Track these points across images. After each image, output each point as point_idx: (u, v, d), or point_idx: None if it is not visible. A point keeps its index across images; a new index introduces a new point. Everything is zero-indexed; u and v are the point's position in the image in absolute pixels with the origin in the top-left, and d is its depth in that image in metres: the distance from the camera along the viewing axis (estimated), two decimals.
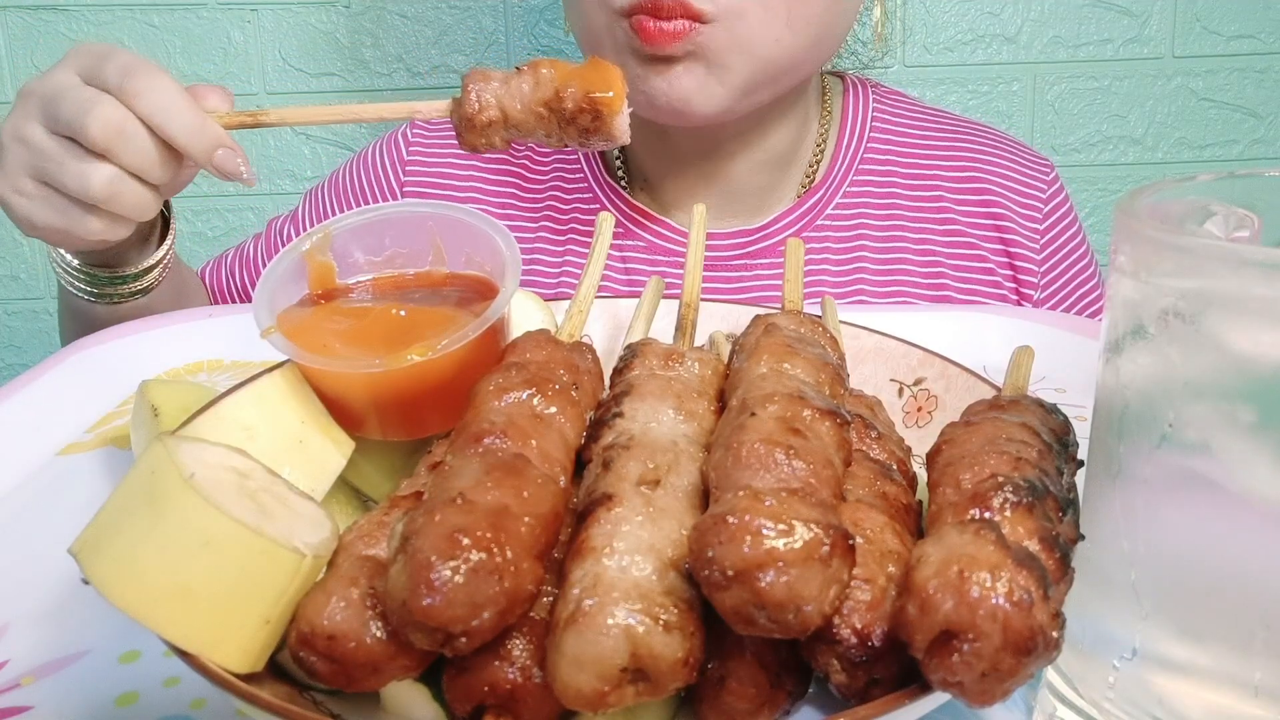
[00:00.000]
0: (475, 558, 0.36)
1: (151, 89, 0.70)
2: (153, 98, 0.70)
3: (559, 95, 0.65)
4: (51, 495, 0.62)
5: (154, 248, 0.88)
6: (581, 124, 0.66)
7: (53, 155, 0.72)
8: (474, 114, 0.66)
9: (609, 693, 0.35)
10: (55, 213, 0.74)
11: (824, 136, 1.07)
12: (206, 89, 0.73)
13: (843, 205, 1.05)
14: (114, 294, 0.88)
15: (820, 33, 0.91)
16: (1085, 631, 0.40)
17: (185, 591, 0.38)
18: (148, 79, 0.70)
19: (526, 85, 0.67)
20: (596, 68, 0.66)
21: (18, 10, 1.50)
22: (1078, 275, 1.08)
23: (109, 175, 0.71)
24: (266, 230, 1.15)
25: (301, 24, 1.54)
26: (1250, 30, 1.62)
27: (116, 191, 0.71)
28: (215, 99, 0.72)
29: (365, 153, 1.13)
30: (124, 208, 0.73)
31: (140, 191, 0.72)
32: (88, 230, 0.74)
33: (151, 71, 0.71)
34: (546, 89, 0.66)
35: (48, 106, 0.72)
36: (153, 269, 0.88)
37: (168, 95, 0.70)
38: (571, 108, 0.65)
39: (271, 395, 0.51)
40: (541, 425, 0.46)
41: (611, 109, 0.65)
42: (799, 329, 0.53)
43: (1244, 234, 0.40)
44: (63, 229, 0.74)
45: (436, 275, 0.59)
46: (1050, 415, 0.48)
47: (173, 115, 0.70)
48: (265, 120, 0.71)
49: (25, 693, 0.46)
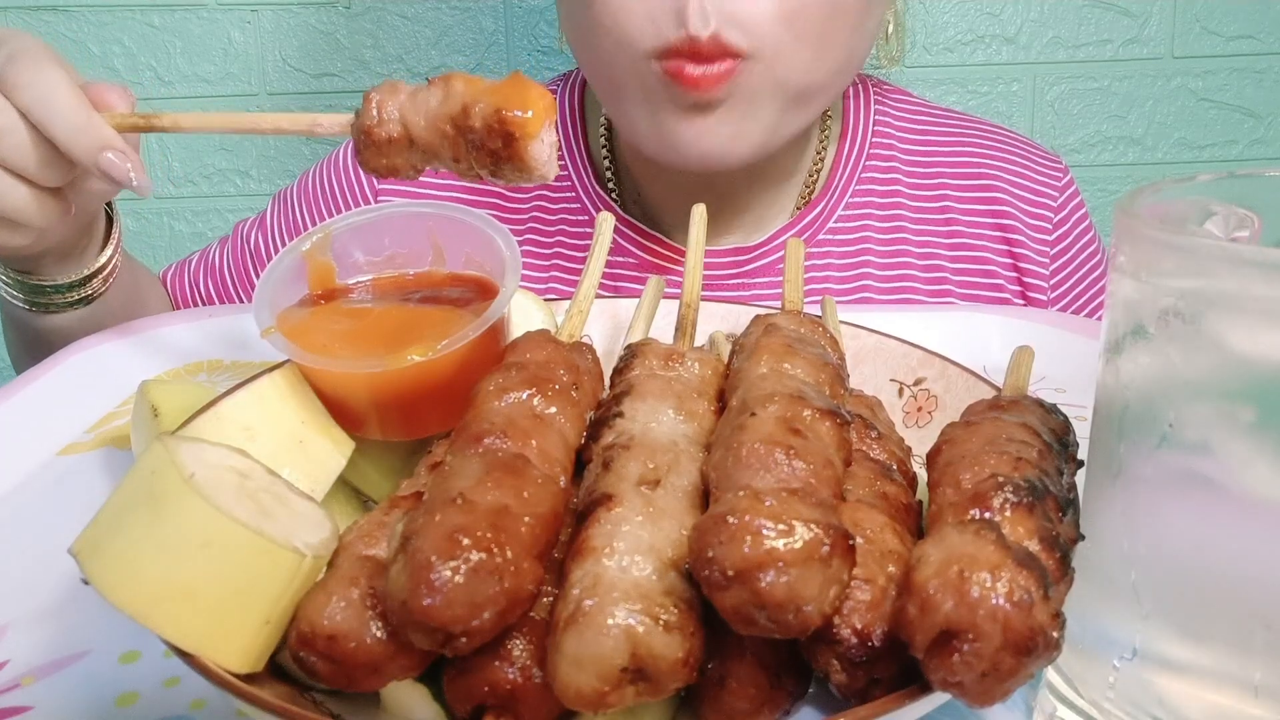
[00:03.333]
0: (475, 558, 0.36)
1: (34, 82, 0.63)
2: (35, 91, 0.63)
3: (466, 111, 0.55)
4: (51, 495, 0.62)
5: (94, 255, 0.82)
6: (491, 147, 0.55)
7: None
8: (372, 126, 0.58)
9: (609, 693, 0.35)
10: None
11: (824, 144, 1.03)
12: (104, 87, 0.66)
13: (846, 217, 1.02)
14: (50, 303, 0.81)
15: (846, 57, 0.86)
16: (1085, 631, 0.40)
17: (185, 592, 0.38)
18: (33, 70, 0.63)
19: (434, 99, 0.57)
20: (516, 84, 0.56)
21: (18, 10, 1.50)
22: (1090, 280, 1.05)
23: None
24: (233, 235, 1.09)
25: (301, 24, 1.54)
26: (1250, 30, 1.62)
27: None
28: (113, 97, 0.65)
29: (337, 154, 1.07)
30: (10, 211, 0.66)
31: (26, 195, 0.65)
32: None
33: (39, 62, 0.64)
34: (454, 103, 0.56)
35: None
36: (92, 278, 0.81)
37: (52, 89, 0.63)
38: (479, 127, 0.55)
39: (271, 395, 0.51)
40: (541, 425, 0.46)
41: (526, 132, 0.54)
42: (799, 329, 0.53)
43: (1244, 234, 0.40)
44: None
45: (436, 275, 0.59)
46: (1050, 415, 0.48)
47: (54, 111, 0.62)
48: (158, 124, 0.64)
49: (25, 693, 0.46)
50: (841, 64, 0.87)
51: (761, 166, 0.97)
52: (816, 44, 0.82)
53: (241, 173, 1.58)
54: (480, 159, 0.57)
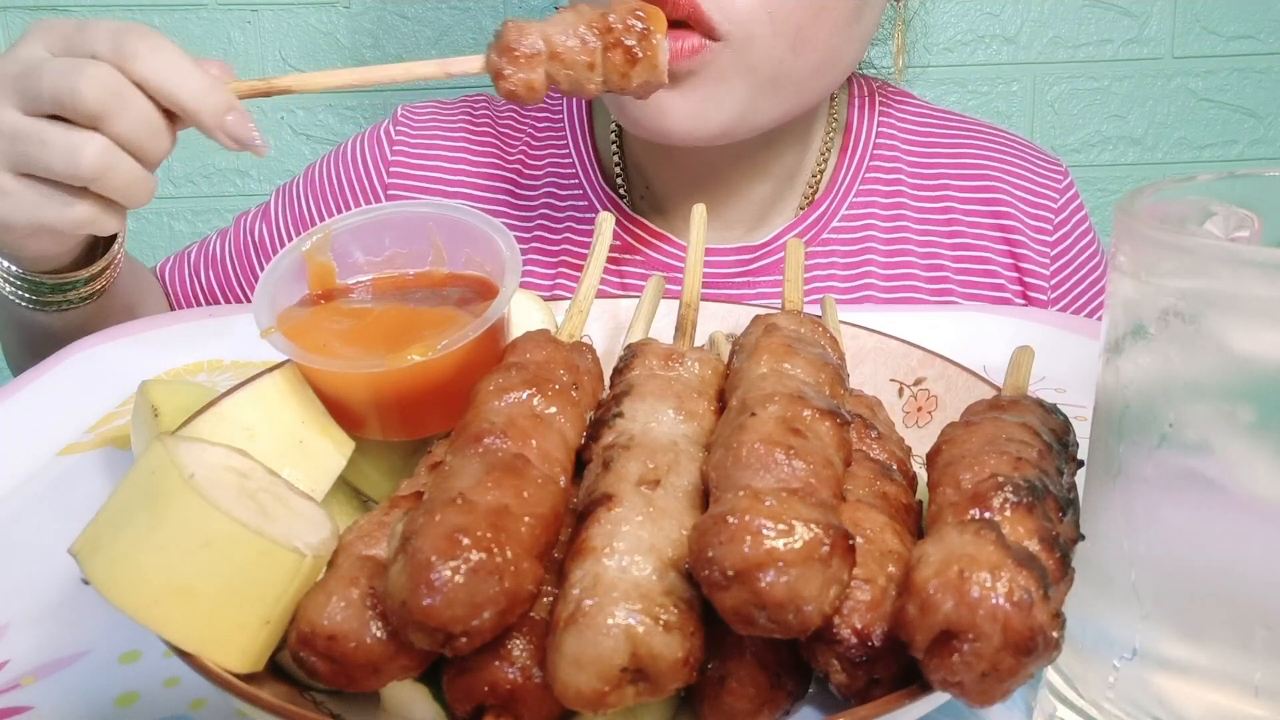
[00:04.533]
0: (475, 558, 0.36)
1: (153, 50, 0.64)
2: (157, 58, 0.64)
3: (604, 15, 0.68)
4: (51, 495, 0.62)
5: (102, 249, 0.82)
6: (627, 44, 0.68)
7: (32, 136, 0.65)
8: (514, 43, 0.66)
9: (609, 693, 0.35)
10: (34, 206, 0.67)
11: (828, 146, 1.03)
12: (207, 60, 0.67)
13: (850, 216, 1.02)
14: (64, 300, 0.81)
15: (825, 58, 0.86)
16: (1085, 631, 0.40)
17: (185, 591, 0.38)
18: (145, 40, 0.65)
19: (569, 15, 0.69)
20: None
21: (18, 10, 1.50)
22: (1090, 282, 1.06)
23: (101, 146, 0.65)
24: (234, 227, 1.09)
25: (301, 24, 1.54)
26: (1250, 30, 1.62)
27: (109, 166, 0.65)
28: (217, 70, 0.67)
29: (344, 148, 1.07)
30: (117, 186, 0.66)
31: (134, 168, 0.67)
32: (74, 220, 0.68)
33: (147, 33, 0.65)
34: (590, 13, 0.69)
35: (21, 84, 0.66)
36: (103, 272, 0.82)
37: (174, 56, 0.64)
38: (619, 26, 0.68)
39: (271, 395, 0.51)
40: (541, 425, 0.46)
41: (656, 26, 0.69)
42: (799, 329, 0.53)
43: (1244, 234, 0.40)
44: (44, 223, 0.68)
45: (437, 275, 0.59)
46: (1050, 415, 0.48)
47: (181, 75, 0.64)
48: (279, 86, 0.66)
49: (25, 693, 0.46)
50: (821, 63, 0.86)
51: (761, 161, 0.98)
52: (794, 38, 0.82)
53: (241, 173, 1.58)
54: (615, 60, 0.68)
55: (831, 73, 0.90)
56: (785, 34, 0.82)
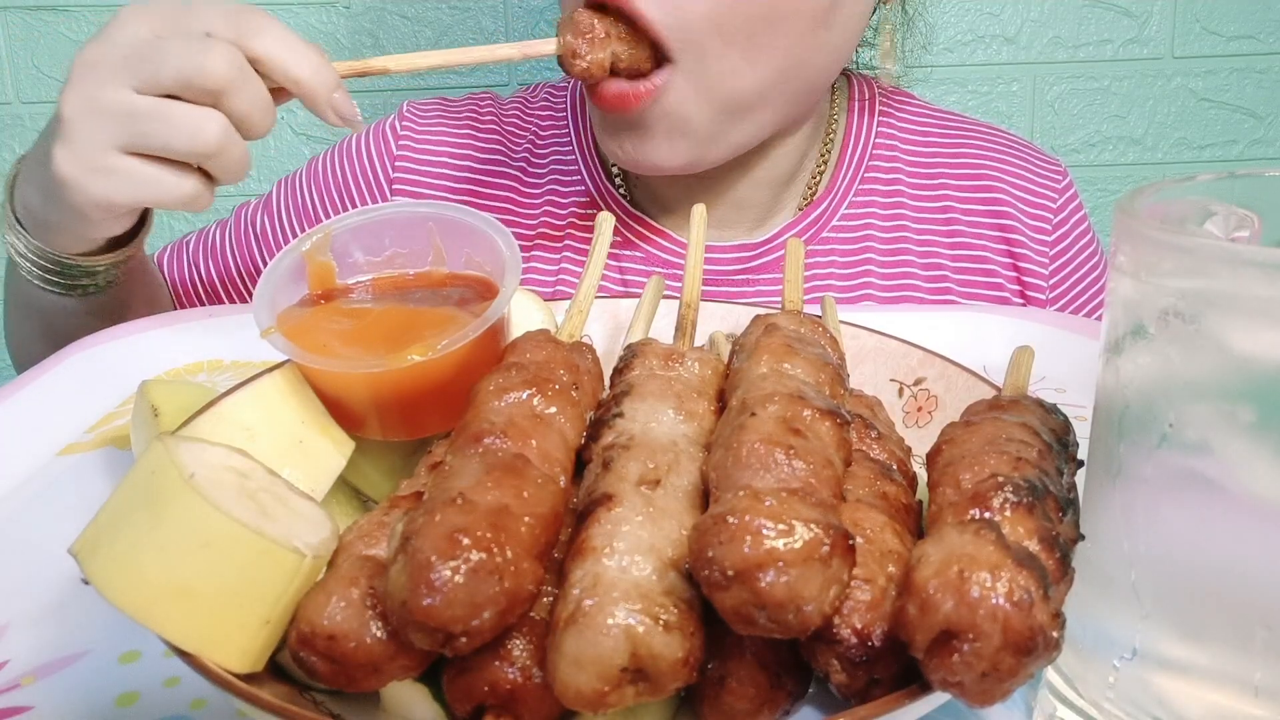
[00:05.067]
0: (475, 558, 0.36)
1: (271, 27, 0.68)
2: (274, 34, 0.67)
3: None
4: (51, 495, 0.62)
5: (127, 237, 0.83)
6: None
7: (155, 113, 0.67)
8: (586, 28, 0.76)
9: (609, 693, 0.35)
10: (141, 184, 0.69)
11: (828, 147, 1.04)
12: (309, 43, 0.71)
13: (849, 215, 1.03)
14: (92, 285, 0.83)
15: (786, 65, 0.85)
16: (1085, 631, 0.40)
17: (185, 591, 0.38)
18: (263, 17, 0.68)
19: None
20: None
21: (18, 10, 1.50)
22: (1089, 284, 1.06)
23: (221, 124, 0.68)
24: (234, 218, 1.09)
25: (301, 24, 1.54)
26: (1250, 30, 1.62)
27: (229, 143, 0.68)
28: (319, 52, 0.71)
29: (349, 142, 1.08)
30: (227, 164, 0.69)
31: (243, 147, 0.70)
32: (181, 195, 0.70)
33: (261, 12, 0.68)
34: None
35: (136, 65, 0.67)
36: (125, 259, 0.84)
37: (288, 33, 0.68)
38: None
39: (271, 395, 0.51)
40: (541, 425, 0.46)
41: None
42: (799, 329, 0.53)
43: (1244, 234, 0.40)
44: (151, 199, 0.70)
45: (436, 275, 0.59)
46: (1050, 415, 0.48)
47: (297, 52, 0.67)
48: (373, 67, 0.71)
49: (25, 693, 0.46)
50: (785, 70, 0.85)
51: (758, 163, 0.98)
52: (746, 46, 0.81)
53: None
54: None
55: (800, 81, 0.88)
56: (736, 43, 0.81)
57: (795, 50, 0.84)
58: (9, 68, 1.53)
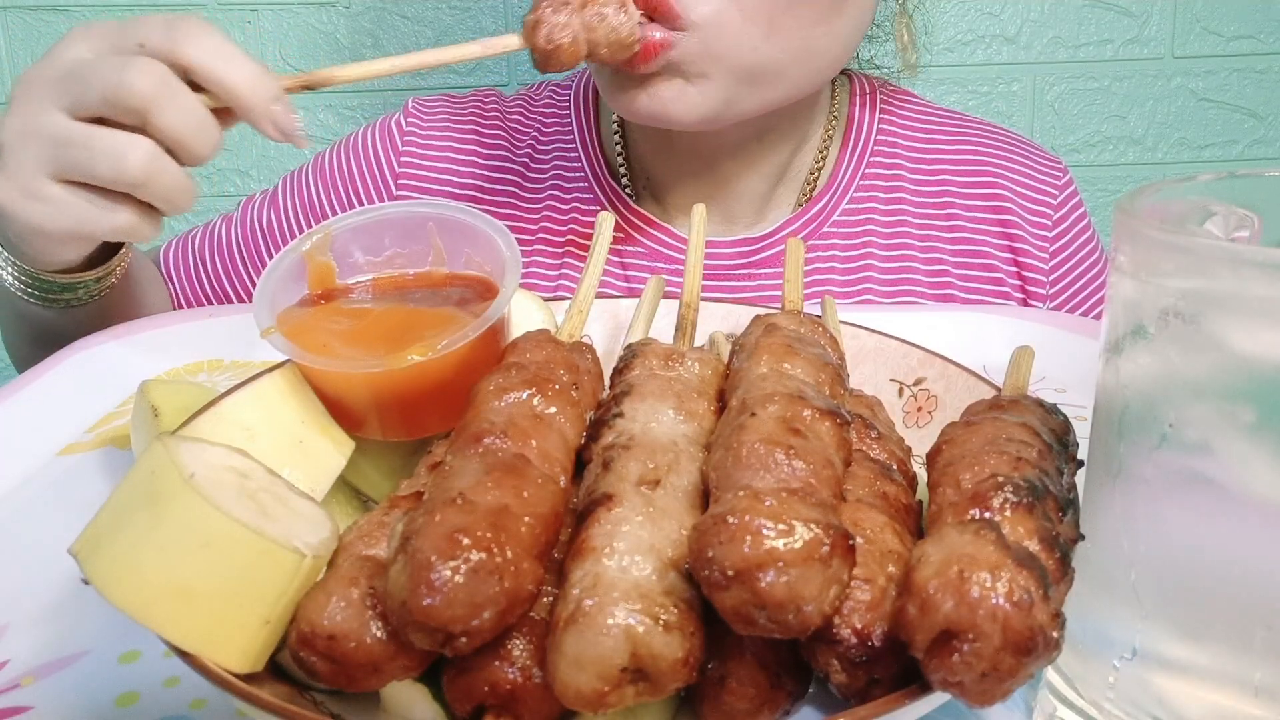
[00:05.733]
0: (475, 558, 0.36)
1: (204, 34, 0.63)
2: (209, 43, 0.63)
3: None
4: (51, 495, 0.62)
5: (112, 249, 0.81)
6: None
7: (79, 140, 0.64)
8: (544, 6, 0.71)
9: (609, 693, 0.35)
10: (76, 213, 0.66)
11: (828, 142, 1.05)
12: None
13: (850, 210, 1.03)
14: (70, 299, 0.80)
15: (805, 46, 0.86)
16: (1085, 631, 0.40)
17: (185, 591, 0.38)
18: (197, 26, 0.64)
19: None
20: None
21: (18, 10, 1.50)
22: (1089, 279, 1.06)
23: (147, 150, 0.63)
24: (240, 213, 1.09)
25: (301, 24, 1.54)
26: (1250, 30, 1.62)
27: (155, 171, 0.64)
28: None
29: (354, 138, 1.08)
30: (160, 192, 0.65)
31: (178, 174, 0.65)
32: (113, 227, 0.66)
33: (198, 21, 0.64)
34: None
35: (66, 86, 0.64)
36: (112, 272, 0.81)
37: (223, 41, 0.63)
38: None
39: (271, 395, 0.51)
40: (541, 425, 0.46)
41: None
42: (799, 329, 0.53)
43: (1244, 234, 0.40)
44: (83, 230, 0.67)
45: (436, 275, 0.59)
46: (1050, 415, 0.48)
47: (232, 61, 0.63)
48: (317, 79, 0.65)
49: (25, 693, 0.46)
50: (799, 52, 0.86)
51: (756, 155, 0.99)
52: (766, 25, 0.82)
53: (241, 173, 1.58)
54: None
55: (812, 65, 0.89)
56: (758, 21, 0.82)
57: (809, 34, 0.86)
58: (9, 68, 1.53)
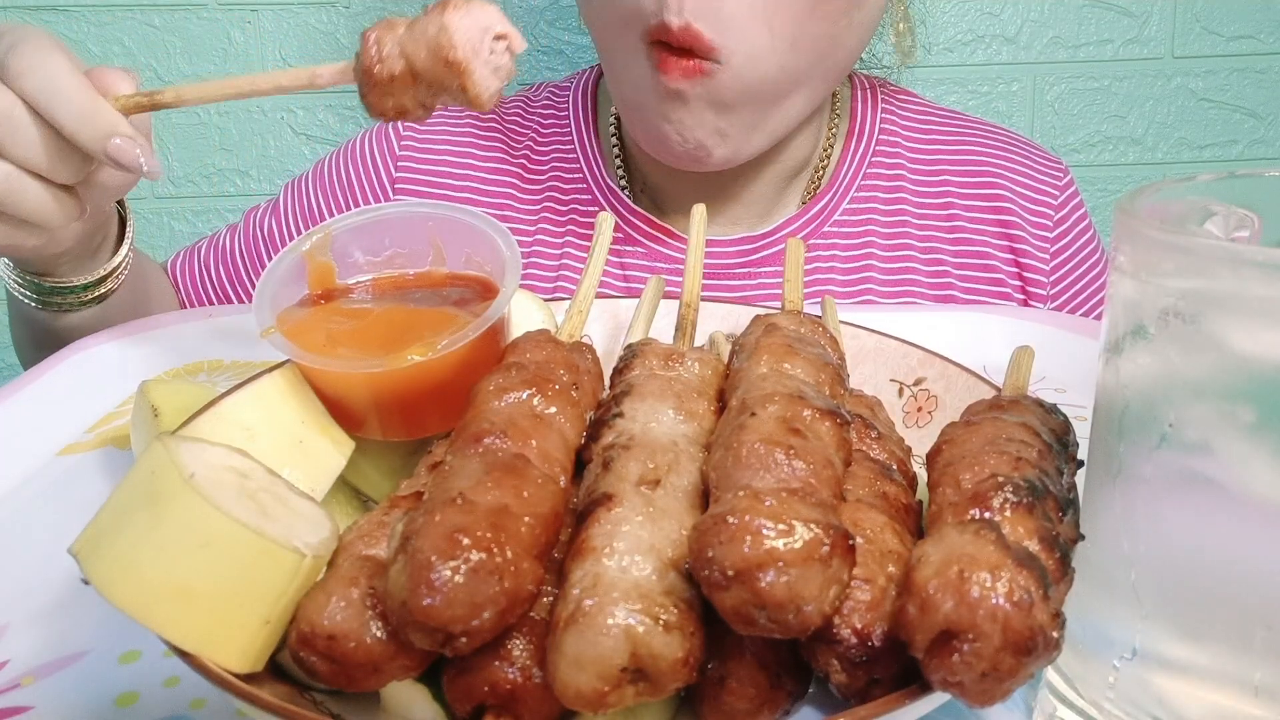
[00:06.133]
0: (475, 558, 0.36)
1: (35, 68, 0.60)
2: (37, 78, 0.60)
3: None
4: (51, 495, 0.62)
5: (107, 255, 0.81)
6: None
7: None
8: (371, 66, 0.55)
9: (609, 693, 0.35)
10: None
11: (831, 140, 1.05)
12: (106, 70, 0.62)
13: (851, 210, 1.03)
14: (64, 303, 0.81)
15: (824, 50, 0.87)
16: (1085, 631, 0.40)
17: (185, 591, 0.38)
18: (35, 58, 0.60)
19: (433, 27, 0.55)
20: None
21: (18, 10, 1.50)
22: (1089, 281, 1.07)
23: (3, 173, 0.61)
24: (244, 222, 1.10)
25: (302, 24, 1.54)
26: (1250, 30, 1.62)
27: (12, 190, 0.62)
28: (116, 79, 0.62)
29: (353, 144, 1.09)
30: (25, 211, 0.63)
31: (41, 193, 0.63)
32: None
33: (41, 50, 0.61)
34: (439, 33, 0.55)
35: None
36: (106, 278, 0.81)
37: (54, 75, 0.60)
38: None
39: (271, 395, 0.51)
40: (541, 425, 0.46)
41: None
42: (799, 329, 0.53)
43: (1244, 234, 0.40)
44: None
45: (436, 275, 0.59)
46: (1050, 415, 0.48)
47: (59, 97, 0.59)
48: (162, 100, 0.62)
49: (25, 693, 0.46)
50: (822, 55, 0.87)
51: (767, 158, 0.99)
52: (793, 39, 0.83)
53: (241, 173, 1.58)
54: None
55: (834, 59, 0.90)
56: (784, 37, 0.83)
57: (832, 32, 0.86)
58: None
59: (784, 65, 0.85)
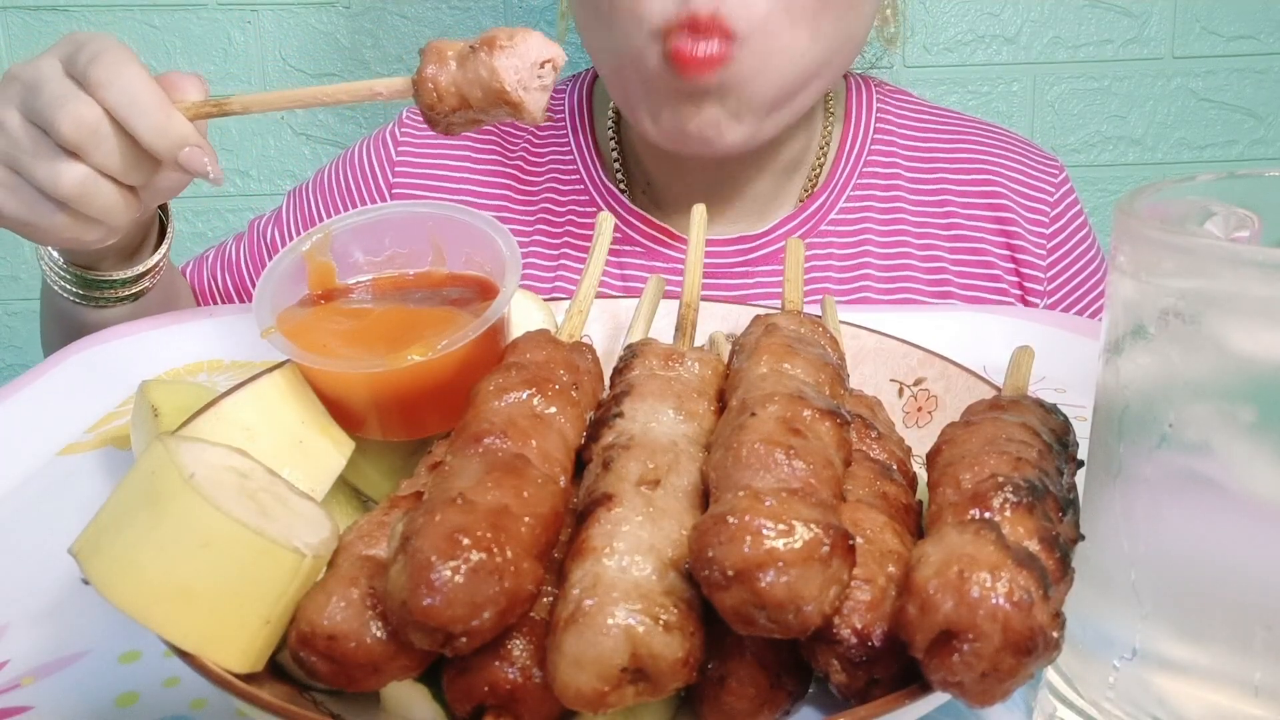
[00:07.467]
0: (475, 558, 0.36)
1: (114, 80, 0.65)
2: (117, 90, 0.65)
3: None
4: (51, 495, 0.62)
5: (149, 252, 0.85)
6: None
7: (25, 146, 0.67)
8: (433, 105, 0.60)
9: (609, 693, 0.35)
10: (23, 204, 0.69)
11: (827, 139, 1.05)
12: (179, 77, 0.68)
13: (847, 209, 1.04)
14: (102, 298, 0.84)
15: (841, 37, 0.89)
16: (1085, 631, 0.40)
17: (185, 591, 0.38)
18: (113, 69, 0.65)
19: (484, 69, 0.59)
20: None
21: (18, 10, 1.50)
22: (1086, 277, 1.07)
23: (80, 175, 0.67)
24: (249, 231, 1.12)
25: (301, 24, 1.54)
26: (1250, 30, 1.62)
27: (88, 192, 0.67)
28: (188, 86, 0.68)
29: (352, 151, 1.10)
30: (96, 210, 0.68)
31: (113, 193, 0.68)
32: (54, 227, 0.70)
33: (119, 61, 0.66)
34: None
35: (27, 95, 0.68)
36: (145, 274, 0.85)
37: (134, 89, 0.65)
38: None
39: (271, 395, 0.51)
40: (541, 425, 0.46)
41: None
42: (799, 329, 0.53)
43: (1244, 234, 0.40)
44: (30, 222, 0.70)
45: (436, 275, 0.59)
46: (1050, 415, 0.48)
47: (138, 110, 0.65)
48: (229, 108, 0.66)
49: (25, 693, 0.46)
50: (838, 44, 0.89)
51: (766, 154, 0.99)
52: (812, 26, 0.85)
53: (242, 173, 1.58)
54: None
55: (846, 49, 0.92)
56: (804, 22, 0.84)
57: (846, 19, 0.88)
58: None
59: (805, 53, 0.86)
